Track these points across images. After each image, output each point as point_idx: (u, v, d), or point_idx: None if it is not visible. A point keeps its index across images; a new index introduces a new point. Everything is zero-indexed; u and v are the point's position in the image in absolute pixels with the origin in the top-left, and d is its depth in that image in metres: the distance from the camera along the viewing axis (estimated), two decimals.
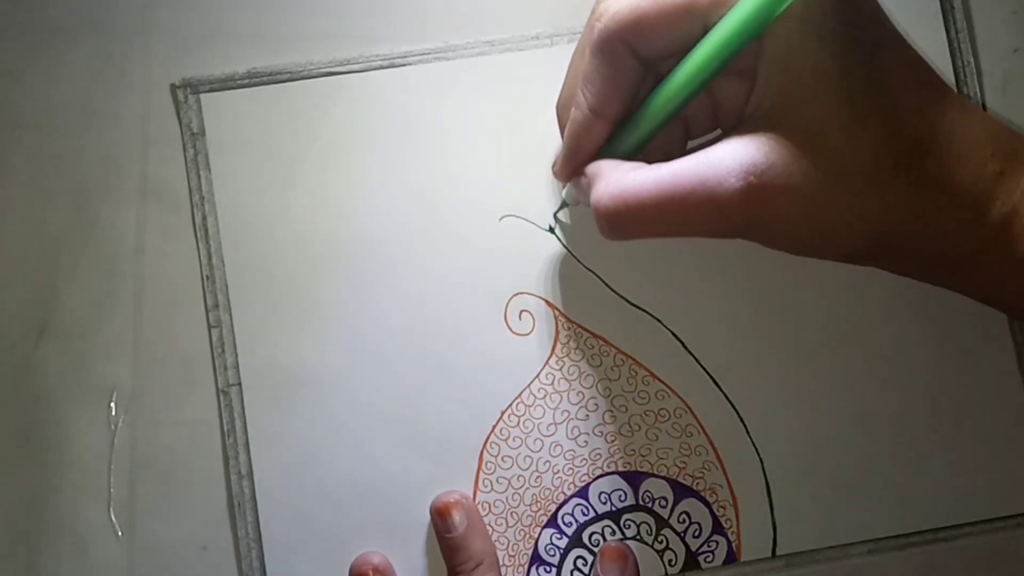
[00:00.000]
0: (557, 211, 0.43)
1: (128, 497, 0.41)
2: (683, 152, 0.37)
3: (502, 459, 0.42)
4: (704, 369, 0.43)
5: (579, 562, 0.42)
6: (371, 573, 0.40)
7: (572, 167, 0.38)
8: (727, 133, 0.35)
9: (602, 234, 0.36)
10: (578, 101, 0.37)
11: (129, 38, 0.43)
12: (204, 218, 0.42)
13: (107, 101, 0.42)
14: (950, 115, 0.33)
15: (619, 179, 0.35)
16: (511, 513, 0.42)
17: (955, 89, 0.44)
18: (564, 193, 0.41)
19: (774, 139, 0.33)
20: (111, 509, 0.41)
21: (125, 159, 0.42)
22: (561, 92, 0.39)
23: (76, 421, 0.41)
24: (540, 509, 0.42)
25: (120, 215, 0.42)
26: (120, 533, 0.41)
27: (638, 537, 0.42)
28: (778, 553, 0.42)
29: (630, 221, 0.34)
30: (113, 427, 0.41)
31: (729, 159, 0.33)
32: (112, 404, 0.41)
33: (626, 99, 0.37)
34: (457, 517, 0.41)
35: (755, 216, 0.33)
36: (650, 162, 0.35)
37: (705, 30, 0.34)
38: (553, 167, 0.40)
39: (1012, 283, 0.35)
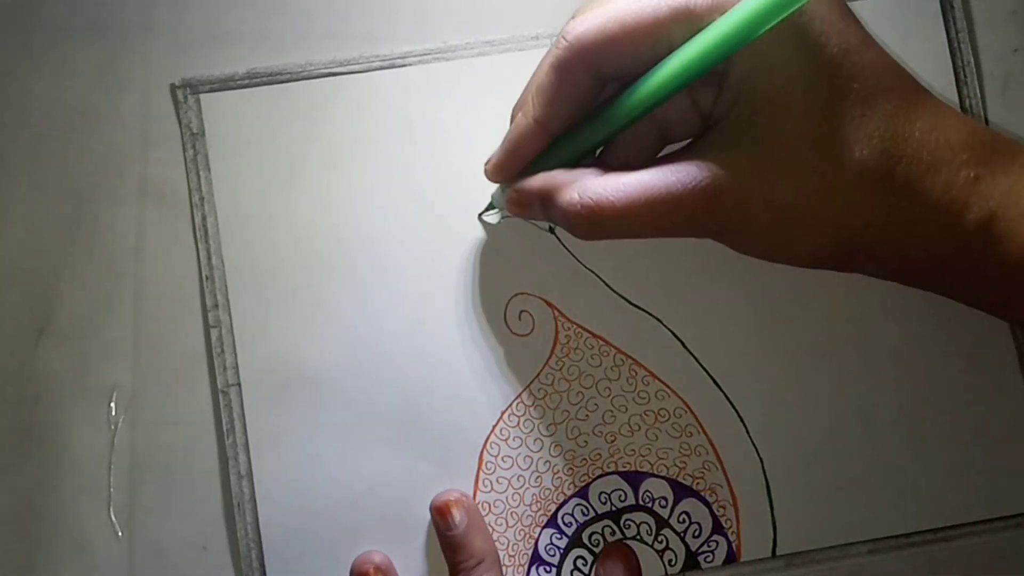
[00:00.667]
0: (483, 212, 0.43)
1: (128, 497, 0.41)
2: (654, 156, 0.38)
3: (502, 459, 0.42)
4: (704, 369, 0.43)
5: (579, 562, 0.42)
6: (372, 572, 0.40)
7: (506, 170, 0.39)
8: (696, 140, 0.35)
9: (574, 235, 0.36)
10: (526, 108, 0.37)
11: (129, 38, 0.43)
12: (204, 218, 0.42)
13: (107, 101, 0.42)
14: (922, 122, 0.33)
15: (589, 185, 0.35)
16: (511, 513, 0.42)
17: (955, 88, 0.44)
18: (493, 194, 0.41)
19: (740, 149, 0.33)
20: (111, 509, 0.41)
21: (125, 159, 0.42)
22: (521, 95, 0.39)
23: (76, 421, 0.41)
24: (540, 509, 0.42)
25: (120, 215, 0.42)
26: (120, 533, 0.41)
27: (638, 537, 0.42)
28: (778, 553, 0.42)
29: (608, 223, 0.35)
30: (113, 427, 0.41)
31: (695, 169, 0.33)
32: (112, 404, 0.42)
33: (572, 117, 0.37)
34: (457, 515, 0.41)
35: (720, 224, 0.34)
36: (614, 169, 0.36)
37: (671, 51, 0.34)
38: (486, 165, 0.40)
39: (994, 285, 0.35)
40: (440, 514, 0.41)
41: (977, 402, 0.43)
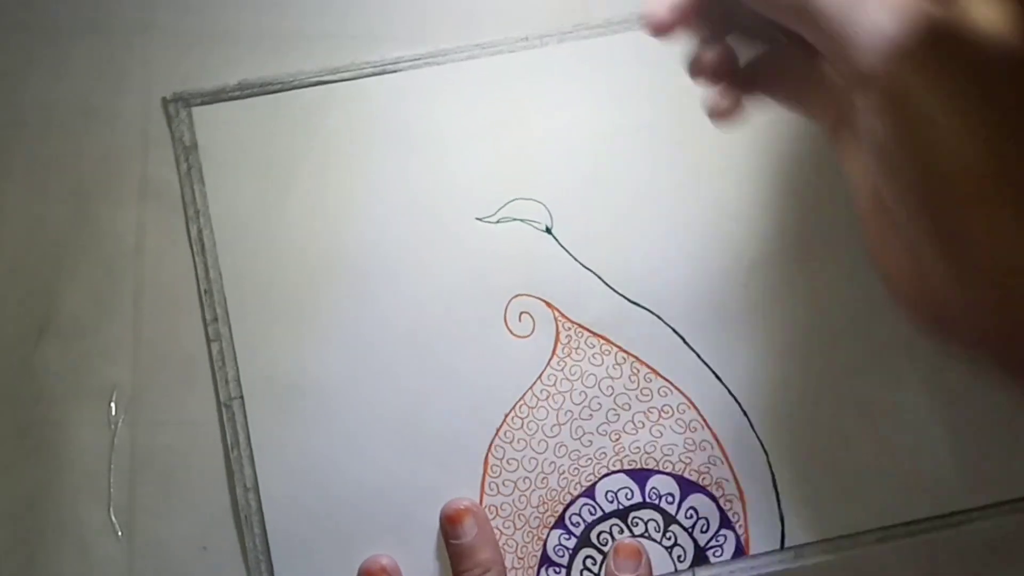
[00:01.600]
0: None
1: (128, 497, 0.41)
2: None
3: (507, 462, 0.42)
4: (706, 364, 0.43)
5: (588, 561, 0.41)
6: (379, 573, 0.40)
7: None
8: None
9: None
10: None
11: (129, 39, 0.43)
12: (200, 231, 0.42)
13: (107, 102, 0.43)
14: None
15: None
16: (518, 515, 0.41)
17: None
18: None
19: None
20: (111, 509, 0.41)
21: (125, 159, 0.43)
22: None
23: (76, 421, 0.41)
24: (547, 510, 0.42)
25: (120, 215, 0.42)
26: (120, 533, 0.40)
27: (646, 534, 0.42)
28: (787, 545, 0.41)
29: None
30: (113, 427, 0.41)
31: None
32: (112, 404, 0.41)
33: None
34: (467, 524, 0.40)
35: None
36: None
37: None
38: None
39: None
40: (450, 523, 0.40)
41: (980, 389, 0.43)
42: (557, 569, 0.41)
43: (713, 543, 0.42)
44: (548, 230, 0.43)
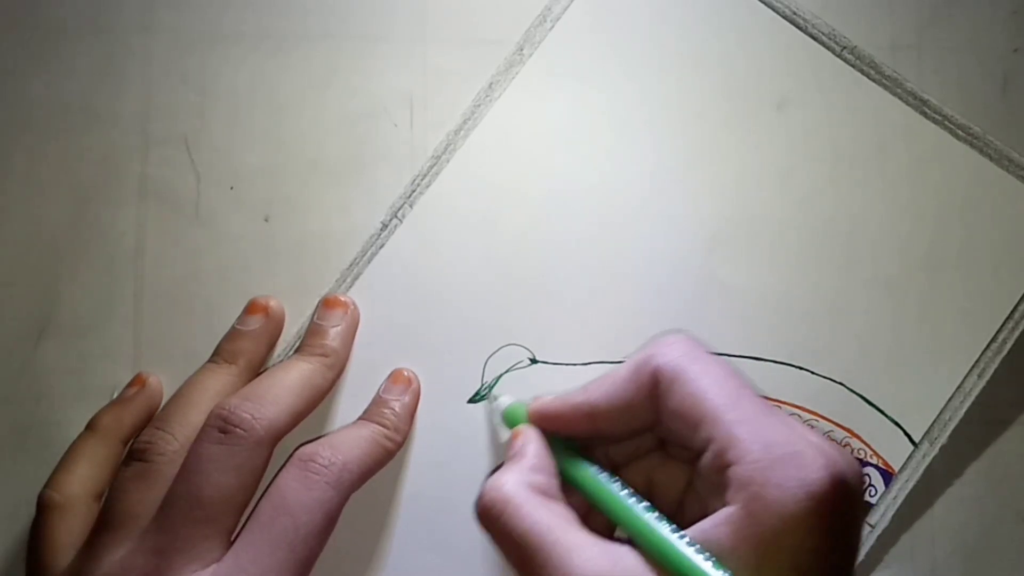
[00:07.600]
0: (478, 399, 0.42)
1: None
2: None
3: None
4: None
5: None
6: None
7: (542, 420, 0.37)
8: None
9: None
10: (589, 386, 0.36)
11: (129, 38, 0.43)
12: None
13: (107, 101, 0.42)
14: None
15: (502, 480, 0.33)
16: None
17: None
18: (509, 406, 0.39)
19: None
20: None
21: (125, 159, 0.42)
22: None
23: (76, 421, 0.41)
24: None
25: (120, 215, 0.42)
26: None
27: None
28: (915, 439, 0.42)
29: (488, 519, 0.33)
30: None
31: None
32: None
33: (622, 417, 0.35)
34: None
35: None
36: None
37: None
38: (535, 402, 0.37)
39: None
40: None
41: None
42: None
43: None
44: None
